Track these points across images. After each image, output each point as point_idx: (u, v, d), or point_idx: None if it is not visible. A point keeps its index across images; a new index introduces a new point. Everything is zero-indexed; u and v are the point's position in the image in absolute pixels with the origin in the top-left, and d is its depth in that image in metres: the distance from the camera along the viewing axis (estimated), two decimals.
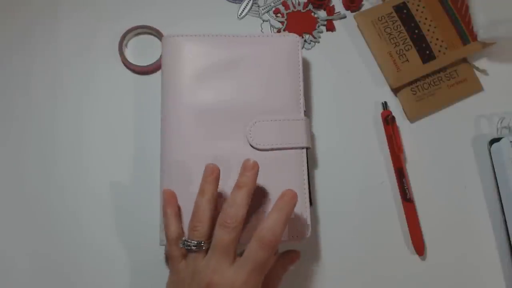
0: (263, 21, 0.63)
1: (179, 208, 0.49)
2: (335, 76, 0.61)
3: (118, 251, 0.55)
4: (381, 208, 0.57)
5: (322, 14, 0.63)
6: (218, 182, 0.47)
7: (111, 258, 0.55)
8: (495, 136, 0.58)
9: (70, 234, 0.55)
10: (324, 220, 0.56)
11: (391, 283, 0.55)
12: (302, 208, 0.51)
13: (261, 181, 0.52)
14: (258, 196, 0.51)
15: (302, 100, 0.54)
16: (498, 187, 0.57)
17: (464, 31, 0.60)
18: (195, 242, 0.45)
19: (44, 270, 0.54)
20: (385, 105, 0.60)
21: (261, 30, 0.62)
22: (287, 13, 0.63)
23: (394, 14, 0.61)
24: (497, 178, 0.57)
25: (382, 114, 0.59)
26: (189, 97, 0.53)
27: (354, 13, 0.62)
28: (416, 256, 0.56)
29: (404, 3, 0.61)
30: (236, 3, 0.63)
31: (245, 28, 0.62)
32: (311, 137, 0.58)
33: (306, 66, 0.61)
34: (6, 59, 0.60)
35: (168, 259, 0.48)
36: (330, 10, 0.63)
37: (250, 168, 0.46)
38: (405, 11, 0.61)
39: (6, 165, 0.57)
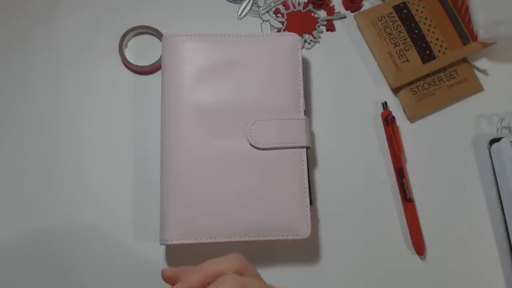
0: (263, 21, 0.63)
1: None
2: (335, 76, 0.61)
3: (118, 251, 0.55)
4: (381, 208, 0.57)
5: (322, 14, 0.63)
6: None
7: (111, 258, 0.55)
8: (495, 136, 0.58)
9: (69, 235, 0.55)
10: (324, 220, 0.56)
11: (391, 283, 0.55)
12: (302, 207, 0.51)
13: (261, 180, 0.52)
14: (258, 195, 0.51)
15: (302, 100, 0.54)
16: (498, 187, 0.57)
17: (464, 31, 0.60)
18: None
19: (43, 271, 0.54)
20: (385, 105, 0.60)
21: (261, 30, 0.62)
22: (287, 13, 0.63)
23: (394, 14, 0.61)
24: (497, 178, 0.57)
25: (382, 114, 0.59)
26: (189, 96, 0.53)
27: (354, 13, 0.62)
28: (416, 256, 0.56)
29: (404, 3, 0.61)
30: (236, 3, 0.63)
31: (245, 28, 0.62)
32: (311, 136, 0.58)
33: (306, 66, 0.61)
34: (6, 59, 0.60)
35: None
36: (330, 10, 0.63)
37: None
38: (405, 11, 0.61)
39: (6, 165, 0.57)
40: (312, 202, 0.54)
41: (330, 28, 0.63)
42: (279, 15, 0.63)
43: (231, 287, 0.34)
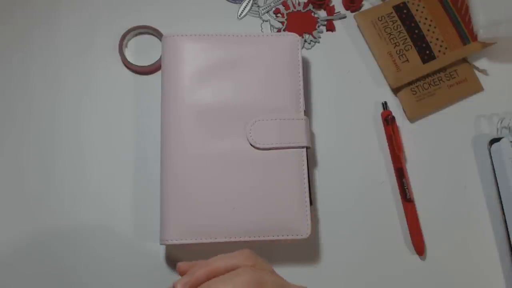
0: (263, 21, 0.63)
1: None
2: (335, 76, 0.61)
3: (118, 251, 0.55)
4: (381, 208, 0.57)
5: (322, 14, 0.63)
6: None
7: (111, 258, 0.55)
8: (495, 136, 0.58)
9: (69, 235, 0.55)
10: (324, 220, 0.56)
11: (391, 283, 0.55)
12: (302, 207, 0.51)
13: (261, 180, 0.52)
14: (258, 195, 0.51)
15: (302, 100, 0.54)
16: (498, 187, 0.57)
17: (464, 31, 0.60)
18: None
19: (43, 271, 0.54)
20: (385, 105, 0.60)
21: (261, 30, 0.62)
22: (287, 13, 0.63)
23: (394, 14, 0.61)
24: (497, 178, 0.57)
25: (382, 114, 0.59)
26: (189, 96, 0.53)
27: (354, 13, 0.62)
28: (416, 256, 0.56)
29: (404, 3, 0.61)
30: (236, 3, 0.63)
31: (245, 28, 0.62)
32: (311, 136, 0.58)
33: (306, 66, 0.61)
34: (6, 59, 0.60)
35: None
36: (330, 10, 0.63)
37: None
38: (405, 11, 0.61)
39: (5, 165, 0.57)
40: (312, 202, 0.54)
41: (330, 28, 0.63)
42: (279, 15, 0.63)
43: (248, 279, 0.34)
